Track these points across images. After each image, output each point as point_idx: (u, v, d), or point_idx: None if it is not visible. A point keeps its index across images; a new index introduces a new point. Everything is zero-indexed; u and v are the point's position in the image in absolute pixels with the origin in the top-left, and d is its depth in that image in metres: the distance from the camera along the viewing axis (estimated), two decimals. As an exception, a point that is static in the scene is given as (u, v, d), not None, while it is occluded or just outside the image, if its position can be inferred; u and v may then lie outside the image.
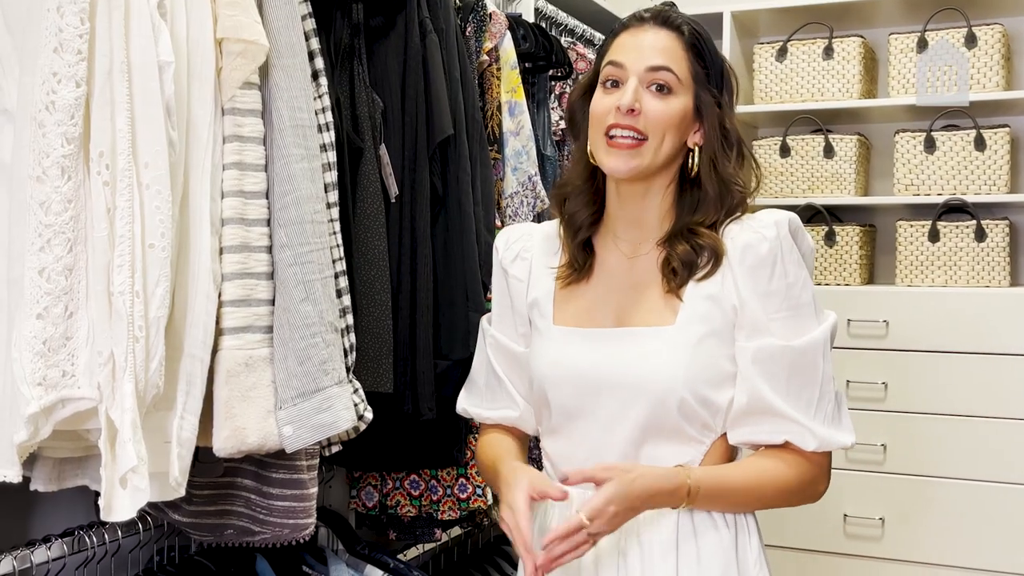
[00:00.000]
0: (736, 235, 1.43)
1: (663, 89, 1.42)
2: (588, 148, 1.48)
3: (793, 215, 1.44)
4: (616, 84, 1.44)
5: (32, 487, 1.45)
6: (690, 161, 1.46)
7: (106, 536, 1.62)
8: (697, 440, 1.43)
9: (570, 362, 1.47)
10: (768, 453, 1.44)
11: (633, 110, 1.40)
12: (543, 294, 1.53)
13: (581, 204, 1.52)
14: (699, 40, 1.45)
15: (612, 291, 1.49)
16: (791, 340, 1.40)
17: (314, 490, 1.60)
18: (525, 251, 1.58)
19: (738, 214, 1.46)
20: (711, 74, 1.45)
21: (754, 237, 1.41)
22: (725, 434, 1.44)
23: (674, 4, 1.50)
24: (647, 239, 1.48)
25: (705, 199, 1.45)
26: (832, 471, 1.50)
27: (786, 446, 1.42)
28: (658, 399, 1.40)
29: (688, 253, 1.43)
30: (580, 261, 1.51)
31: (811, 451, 1.42)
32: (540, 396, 1.50)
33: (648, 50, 1.43)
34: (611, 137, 1.42)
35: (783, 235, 1.41)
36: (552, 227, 1.59)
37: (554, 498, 1.38)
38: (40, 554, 1.54)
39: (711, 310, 1.41)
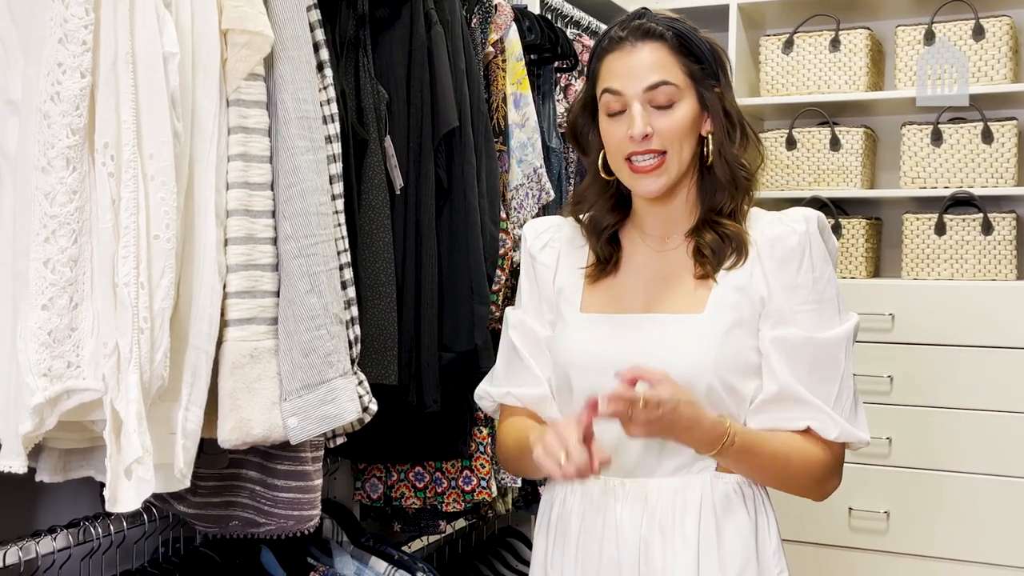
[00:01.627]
0: (766, 228, 1.46)
1: (666, 100, 1.43)
2: (599, 163, 1.51)
3: (820, 214, 1.47)
4: (619, 109, 1.45)
5: (38, 478, 1.45)
6: (705, 149, 1.48)
7: (111, 527, 1.63)
8: None
9: (597, 347, 1.47)
10: (798, 435, 1.45)
11: (647, 135, 1.42)
12: (570, 283, 1.55)
13: (604, 212, 1.54)
14: (683, 38, 1.45)
15: (641, 282, 1.51)
16: (815, 333, 1.42)
17: (319, 482, 1.61)
18: (554, 240, 1.59)
19: (750, 203, 1.50)
20: (705, 65, 1.46)
21: (784, 230, 1.45)
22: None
23: (646, 9, 1.48)
24: (675, 232, 1.50)
25: (719, 184, 1.47)
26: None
27: (808, 433, 1.44)
28: (686, 385, 1.38)
29: (715, 241, 1.46)
30: (606, 255, 1.52)
31: (831, 440, 1.43)
32: (563, 382, 1.50)
33: (639, 70, 1.43)
34: (632, 162, 1.44)
35: (812, 230, 1.44)
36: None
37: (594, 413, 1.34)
38: (45, 545, 1.55)
39: (740, 300, 1.44)
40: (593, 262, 1.54)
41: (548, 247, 1.59)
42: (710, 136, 1.47)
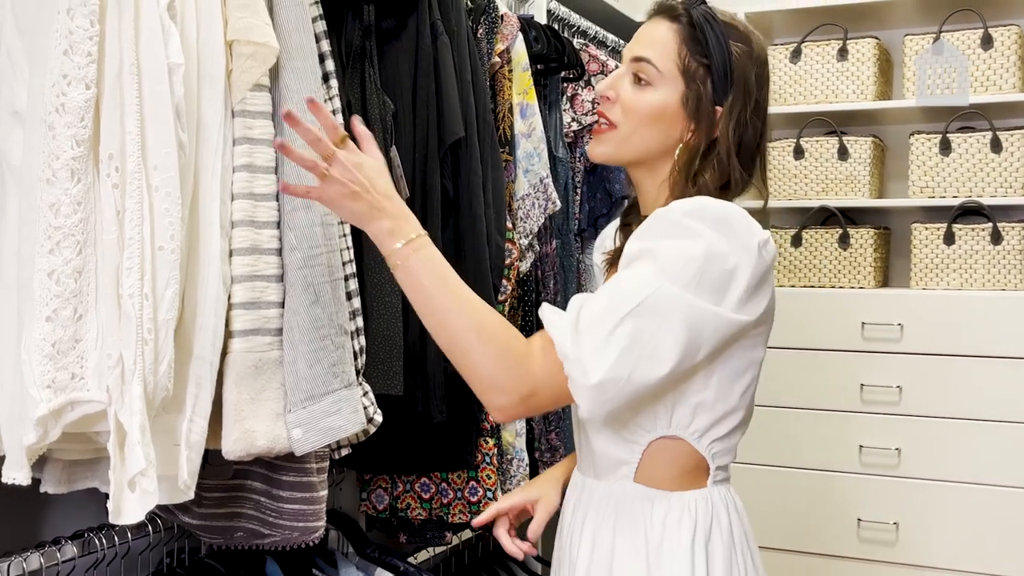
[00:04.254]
0: None
1: (640, 80, 1.41)
2: None
3: (711, 204, 1.31)
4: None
5: (42, 489, 1.45)
6: (676, 159, 1.42)
7: (116, 538, 1.62)
8: (628, 439, 1.40)
9: None
10: (513, 329, 1.33)
11: (607, 98, 1.42)
12: (601, 282, 1.60)
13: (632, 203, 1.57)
14: (701, 33, 1.39)
15: None
16: (622, 272, 1.31)
17: (324, 493, 1.60)
18: (608, 238, 1.62)
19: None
20: (713, 75, 1.39)
21: (660, 207, 1.36)
22: (666, 438, 1.38)
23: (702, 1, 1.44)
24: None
25: (671, 199, 1.39)
26: (840, 472, 1.47)
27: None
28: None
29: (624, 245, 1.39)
30: (617, 253, 1.53)
31: (547, 328, 1.29)
32: None
33: (641, 39, 1.43)
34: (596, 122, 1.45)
35: (682, 209, 1.31)
36: None
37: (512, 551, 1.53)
38: (50, 556, 1.55)
39: None
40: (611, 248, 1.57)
41: (601, 246, 1.64)
42: (681, 145, 1.41)
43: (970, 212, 3.02)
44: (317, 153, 1.27)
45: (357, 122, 1.35)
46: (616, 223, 1.64)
